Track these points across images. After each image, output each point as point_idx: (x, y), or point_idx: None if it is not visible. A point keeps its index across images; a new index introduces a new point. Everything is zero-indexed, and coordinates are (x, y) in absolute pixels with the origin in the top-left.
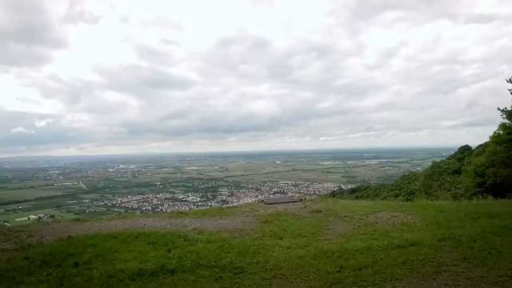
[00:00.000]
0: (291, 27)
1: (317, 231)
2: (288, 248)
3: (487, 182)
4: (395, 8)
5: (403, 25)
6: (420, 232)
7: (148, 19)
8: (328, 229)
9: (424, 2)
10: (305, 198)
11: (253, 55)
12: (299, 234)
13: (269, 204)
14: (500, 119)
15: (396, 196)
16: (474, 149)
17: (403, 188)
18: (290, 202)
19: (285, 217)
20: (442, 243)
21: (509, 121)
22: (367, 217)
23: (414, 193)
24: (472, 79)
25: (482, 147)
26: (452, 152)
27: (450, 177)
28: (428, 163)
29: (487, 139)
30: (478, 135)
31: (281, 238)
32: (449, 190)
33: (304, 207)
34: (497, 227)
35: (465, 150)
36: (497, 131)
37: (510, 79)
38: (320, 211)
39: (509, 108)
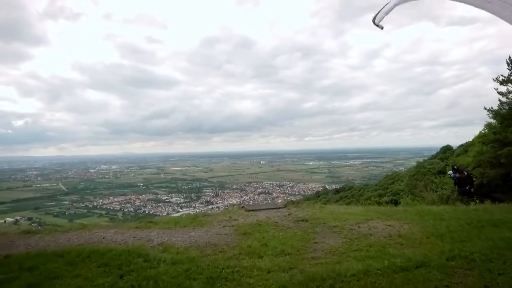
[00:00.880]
0: (276, 27)
1: (303, 246)
2: (269, 272)
3: (474, 183)
4: (378, 9)
5: (386, 27)
6: (422, 247)
7: (132, 17)
8: (316, 243)
9: (407, 4)
10: (289, 204)
11: (238, 54)
12: (282, 250)
13: (250, 211)
14: (480, 119)
15: (380, 196)
16: (456, 149)
17: (387, 188)
18: (273, 208)
19: (266, 227)
20: (452, 263)
21: (494, 121)
22: (359, 227)
23: (399, 193)
24: (453, 80)
25: (464, 147)
26: (434, 152)
27: (435, 178)
28: (411, 163)
29: (467, 139)
30: (459, 135)
31: (261, 257)
32: (435, 191)
33: (289, 214)
34: (509, 240)
35: (446, 150)
36: (483, 131)
37: (497, 78)
38: (306, 220)
39: (495, 108)
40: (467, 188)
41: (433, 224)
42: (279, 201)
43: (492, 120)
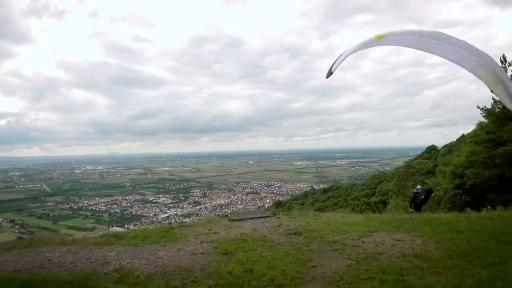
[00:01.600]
0: (264, 27)
1: (299, 273)
2: None
3: (467, 184)
4: (365, 11)
5: (373, 28)
6: (449, 273)
7: (119, 15)
8: (314, 267)
9: (393, 7)
10: (279, 211)
11: (227, 54)
12: (272, 279)
13: (234, 221)
14: (464, 120)
15: (368, 195)
16: (441, 149)
17: (375, 188)
18: (261, 217)
19: (252, 243)
20: None
21: (487, 120)
22: (363, 242)
23: (387, 194)
24: (437, 82)
25: (448, 147)
26: (420, 152)
27: (423, 178)
28: (397, 163)
29: (452, 139)
30: (443, 136)
31: None
32: None
33: (278, 225)
34: None
35: (432, 150)
36: (478, 129)
37: None
38: (300, 233)
39: (489, 107)
40: (418, 202)
41: (450, 238)
42: (267, 201)
43: (484, 120)
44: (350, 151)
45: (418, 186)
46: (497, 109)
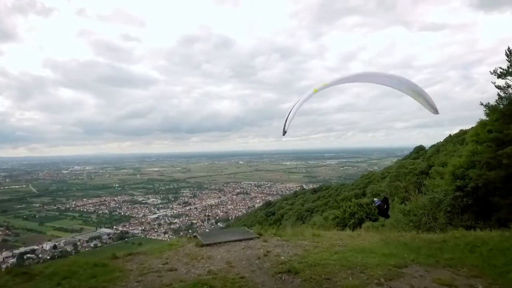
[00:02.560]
0: (255, 27)
1: None
2: None
3: (468, 185)
4: (355, 13)
5: (362, 30)
6: None
7: (107, 13)
8: None
9: (382, 9)
10: (266, 231)
11: (217, 54)
12: None
13: (204, 246)
14: (449, 121)
15: (357, 196)
16: (428, 149)
17: (365, 188)
18: (242, 240)
19: None
20: None
21: (489, 118)
22: None
23: (379, 195)
24: (423, 84)
25: (435, 147)
26: (406, 152)
27: (417, 178)
28: (385, 163)
29: (437, 140)
30: (429, 136)
31: None
32: (425, 194)
33: (265, 255)
34: None
35: (419, 150)
36: (479, 127)
37: (494, 71)
38: (296, 271)
39: (493, 103)
40: (384, 210)
41: None
42: (258, 201)
43: (486, 118)
44: (339, 151)
45: (375, 199)
46: (501, 106)
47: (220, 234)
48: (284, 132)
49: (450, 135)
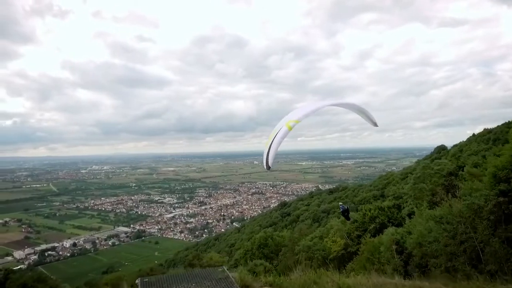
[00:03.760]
0: (268, 26)
1: None
2: None
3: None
4: (370, 10)
5: (378, 28)
6: None
7: (122, 15)
8: None
9: (398, 6)
10: (256, 280)
11: (230, 54)
12: None
13: None
14: (470, 120)
15: (375, 197)
16: (450, 149)
17: (383, 189)
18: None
19: None
20: None
21: None
22: None
23: (402, 197)
24: (443, 81)
25: (458, 147)
26: (425, 152)
27: (444, 180)
28: (403, 163)
29: (457, 140)
30: (449, 136)
31: None
32: (460, 198)
33: None
34: None
35: (441, 150)
36: None
37: None
38: None
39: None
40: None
41: None
42: (273, 201)
43: None
44: (355, 151)
45: (340, 203)
46: None
47: (170, 276)
48: (269, 168)
49: (473, 134)
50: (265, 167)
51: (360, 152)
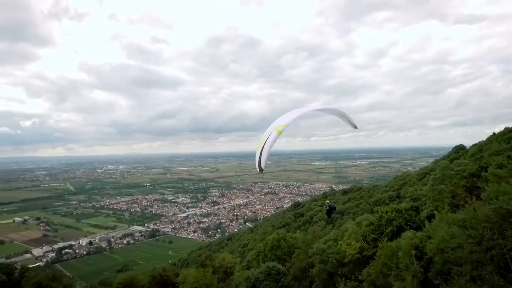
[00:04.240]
0: (281, 26)
1: None
2: None
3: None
4: (385, 8)
5: (392, 25)
6: None
7: (136, 17)
8: None
9: (413, 3)
10: None
11: (244, 54)
12: None
13: None
14: (490, 118)
15: (391, 198)
16: (469, 149)
17: (399, 190)
18: None
19: None
20: None
21: None
22: None
23: (420, 199)
24: (461, 79)
25: (478, 147)
26: (442, 152)
27: (466, 182)
28: (419, 163)
29: (476, 139)
30: (467, 135)
31: None
32: (485, 201)
33: None
34: None
35: (459, 149)
36: None
37: None
38: None
39: None
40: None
41: None
42: (286, 201)
43: None
44: (370, 151)
45: (327, 201)
46: None
47: None
48: (261, 170)
49: (494, 133)
50: (257, 169)
51: (374, 152)
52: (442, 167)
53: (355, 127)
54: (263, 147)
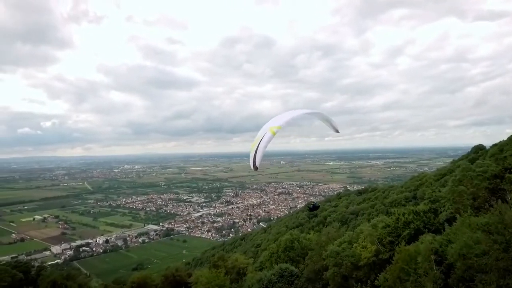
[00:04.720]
0: (295, 26)
1: None
2: None
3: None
4: (401, 5)
5: (410, 23)
6: None
7: (152, 18)
8: None
9: (432, 0)
10: None
11: (258, 54)
12: None
13: None
14: (511, 118)
15: (407, 199)
16: (489, 149)
17: (415, 191)
18: None
19: None
20: None
21: None
22: None
23: (439, 201)
24: (480, 78)
25: (498, 147)
26: (460, 152)
27: (488, 184)
28: (436, 163)
29: (496, 139)
30: (486, 135)
31: None
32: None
33: None
34: None
35: (479, 149)
36: None
37: None
38: None
39: None
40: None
41: None
42: (300, 201)
43: None
44: (385, 151)
45: (314, 200)
46: None
47: None
48: (256, 168)
49: None
50: (252, 168)
51: (390, 152)
52: (462, 168)
53: (337, 131)
54: (257, 147)
